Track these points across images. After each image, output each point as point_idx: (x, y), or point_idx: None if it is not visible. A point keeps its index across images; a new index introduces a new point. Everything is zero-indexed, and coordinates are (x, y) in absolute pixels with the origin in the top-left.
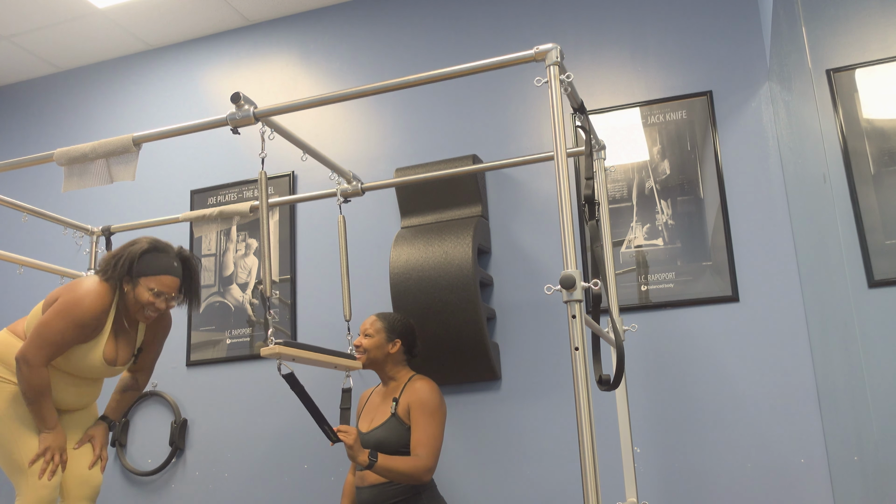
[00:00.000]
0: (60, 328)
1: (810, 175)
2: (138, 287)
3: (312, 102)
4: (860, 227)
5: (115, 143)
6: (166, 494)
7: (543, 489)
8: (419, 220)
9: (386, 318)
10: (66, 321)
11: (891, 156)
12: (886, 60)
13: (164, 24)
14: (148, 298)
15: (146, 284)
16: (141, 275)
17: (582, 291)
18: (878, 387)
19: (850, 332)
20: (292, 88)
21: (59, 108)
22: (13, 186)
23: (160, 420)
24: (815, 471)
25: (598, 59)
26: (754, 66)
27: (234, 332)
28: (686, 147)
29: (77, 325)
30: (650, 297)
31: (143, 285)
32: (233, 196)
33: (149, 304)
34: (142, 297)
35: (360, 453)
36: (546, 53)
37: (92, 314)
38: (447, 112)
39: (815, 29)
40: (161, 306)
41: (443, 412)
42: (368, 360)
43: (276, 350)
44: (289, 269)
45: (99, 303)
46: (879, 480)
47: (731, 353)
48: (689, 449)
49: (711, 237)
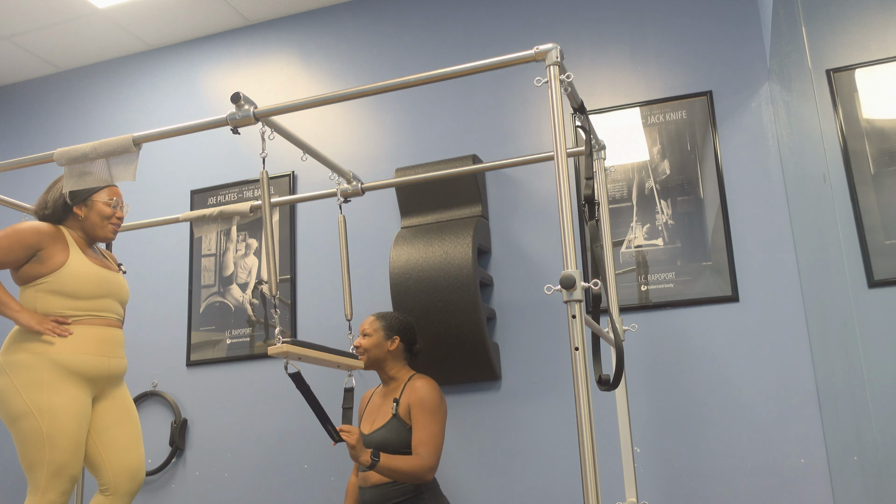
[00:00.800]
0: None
1: (810, 175)
2: (95, 205)
3: (312, 102)
4: (860, 227)
5: (115, 143)
6: (166, 494)
7: (543, 489)
8: (419, 220)
9: (384, 317)
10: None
11: (891, 156)
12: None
13: (164, 24)
14: (108, 211)
15: (101, 199)
16: (89, 194)
17: (582, 291)
18: (878, 387)
19: (850, 332)
20: (292, 88)
21: (59, 108)
22: (13, 186)
23: (160, 420)
24: (815, 471)
25: (598, 59)
26: (754, 66)
27: (234, 332)
28: (686, 147)
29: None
30: (650, 297)
31: (98, 202)
32: (233, 196)
33: (110, 215)
34: (104, 212)
35: (362, 453)
36: (546, 53)
37: (31, 230)
38: (447, 112)
39: (815, 29)
40: (121, 215)
41: (443, 410)
42: (368, 360)
43: (283, 349)
44: (289, 269)
45: (37, 225)
46: (879, 480)
47: (731, 353)
48: (689, 449)
49: (711, 237)
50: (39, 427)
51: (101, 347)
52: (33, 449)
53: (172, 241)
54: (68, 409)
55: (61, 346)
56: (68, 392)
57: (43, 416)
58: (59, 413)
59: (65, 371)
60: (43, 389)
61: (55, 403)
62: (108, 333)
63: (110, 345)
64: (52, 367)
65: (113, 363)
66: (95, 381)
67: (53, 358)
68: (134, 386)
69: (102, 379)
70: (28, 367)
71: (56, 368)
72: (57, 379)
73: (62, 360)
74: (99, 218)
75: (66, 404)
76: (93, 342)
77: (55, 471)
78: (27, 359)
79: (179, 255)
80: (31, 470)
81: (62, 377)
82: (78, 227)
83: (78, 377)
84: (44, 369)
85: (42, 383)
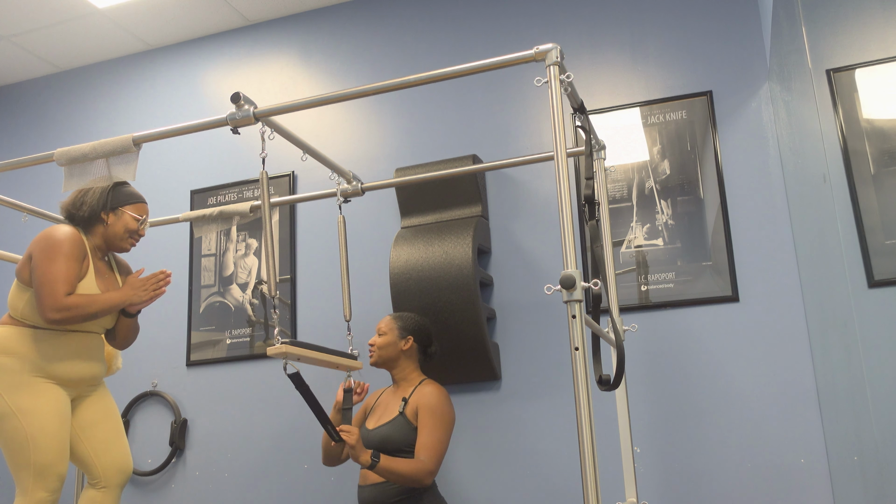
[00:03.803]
0: (58, 266)
1: (810, 175)
2: (123, 216)
3: (312, 102)
4: (860, 227)
5: (115, 143)
6: (166, 494)
7: (543, 489)
8: (419, 220)
9: (400, 318)
10: (59, 258)
11: (891, 156)
12: (886, 60)
13: (164, 24)
14: (134, 225)
15: (131, 213)
16: (124, 203)
17: (582, 291)
18: (878, 387)
19: (850, 332)
20: (292, 88)
21: (59, 108)
22: (13, 186)
23: (160, 420)
24: (815, 471)
25: (598, 59)
26: (754, 66)
27: (234, 332)
28: (686, 147)
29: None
30: (650, 297)
31: (128, 214)
32: (233, 196)
33: (134, 231)
34: (131, 225)
35: (362, 453)
36: (546, 53)
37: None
38: (447, 112)
39: (815, 29)
40: (143, 233)
41: (450, 419)
42: (379, 359)
43: (282, 349)
44: (289, 269)
45: (77, 236)
46: (879, 480)
47: (731, 353)
48: (689, 449)
49: (711, 237)
50: (22, 428)
51: (81, 352)
52: (18, 450)
53: (172, 241)
54: (50, 410)
55: (41, 351)
56: (49, 393)
57: (25, 417)
58: (40, 414)
59: (44, 373)
60: (24, 391)
61: (37, 405)
62: (87, 339)
63: (89, 349)
64: (33, 370)
65: (93, 368)
66: (76, 384)
67: (33, 361)
68: (134, 386)
69: (83, 382)
70: (8, 371)
71: (36, 371)
72: (37, 381)
73: (41, 363)
74: (124, 230)
75: (47, 405)
76: (71, 348)
77: (40, 470)
78: (7, 362)
79: (179, 255)
80: (18, 471)
81: (42, 379)
82: (100, 233)
83: (57, 380)
84: (24, 372)
85: (22, 385)
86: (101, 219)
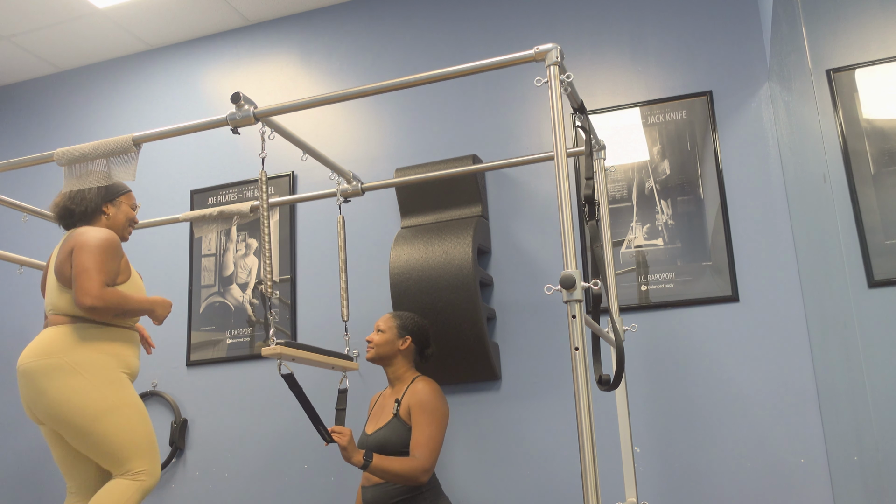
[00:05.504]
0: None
1: (810, 175)
2: (122, 206)
3: (312, 102)
4: (860, 227)
5: (115, 143)
6: (166, 494)
7: (543, 489)
8: (419, 220)
9: (400, 317)
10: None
11: (891, 156)
12: (886, 60)
13: (164, 24)
14: (132, 213)
15: (127, 202)
16: (120, 193)
17: (582, 291)
18: (878, 387)
19: (850, 332)
20: (292, 88)
21: (59, 108)
22: (13, 186)
23: (160, 420)
24: (815, 471)
25: (598, 59)
26: (754, 66)
27: (234, 332)
28: (686, 147)
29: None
30: (650, 297)
31: (125, 203)
32: (233, 196)
33: (132, 219)
34: (129, 214)
35: (354, 454)
36: (546, 53)
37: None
38: (447, 112)
39: (815, 29)
40: (137, 220)
41: (442, 413)
42: (376, 355)
43: (277, 350)
44: (289, 269)
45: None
46: (879, 480)
47: (731, 353)
48: (689, 449)
49: (711, 237)
50: (130, 414)
51: (137, 347)
52: (130, 434)
53: (172, 241)
54: (140, 401)
55: (125, 348)
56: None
57: (130, 407)
58: (139, 404)
59: (128, 370)
60: (120, 386)
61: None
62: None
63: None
64: (120, 366)
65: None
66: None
67: (120, 357)
68: (134, 386)
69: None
70: (104, 367)
71: (123, 367)
72: (125, 377)
73: (127, 361)
74: (125, 219)
75: (136, 396)
76: (135, 342)
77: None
78: (101, 358)
79: (179, 255)
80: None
81: (126, 376)
82: (104, 226)
83: (131, 374)
84: (115, 368)
85: (116, 381)
86: (103, 211)
